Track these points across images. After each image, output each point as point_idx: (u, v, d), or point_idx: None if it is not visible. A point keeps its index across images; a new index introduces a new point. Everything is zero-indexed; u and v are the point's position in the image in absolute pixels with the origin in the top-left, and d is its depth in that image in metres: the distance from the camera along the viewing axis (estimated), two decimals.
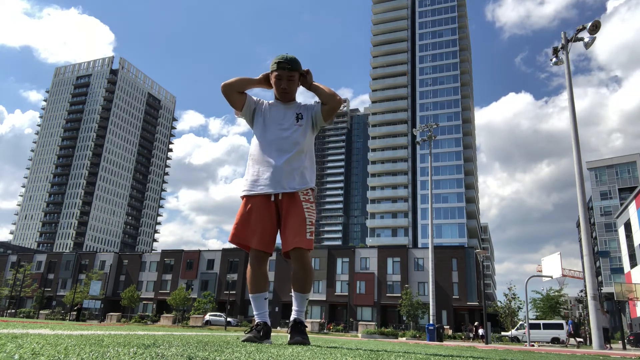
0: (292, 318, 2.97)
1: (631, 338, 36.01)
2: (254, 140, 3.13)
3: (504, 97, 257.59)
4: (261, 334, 2.85)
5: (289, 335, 2.98)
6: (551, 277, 21.74)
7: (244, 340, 2.81)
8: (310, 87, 3.15)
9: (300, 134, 3.06)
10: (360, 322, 42.82)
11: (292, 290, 2.99)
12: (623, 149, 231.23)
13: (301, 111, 3.13)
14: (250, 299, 3.03)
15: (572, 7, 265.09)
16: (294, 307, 2.98)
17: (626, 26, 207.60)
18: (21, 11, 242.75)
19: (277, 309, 52.30)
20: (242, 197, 3.01)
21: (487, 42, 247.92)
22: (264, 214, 2.90)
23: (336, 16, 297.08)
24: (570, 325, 27.60)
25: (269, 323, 2.97)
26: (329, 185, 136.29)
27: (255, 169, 3.02)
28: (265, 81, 3.17)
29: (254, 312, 3.00)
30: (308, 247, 2.87)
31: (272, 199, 2.92)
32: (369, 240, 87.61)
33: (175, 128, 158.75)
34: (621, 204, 58.57)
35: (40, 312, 52.13)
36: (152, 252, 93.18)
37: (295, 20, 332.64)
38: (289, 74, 3.03)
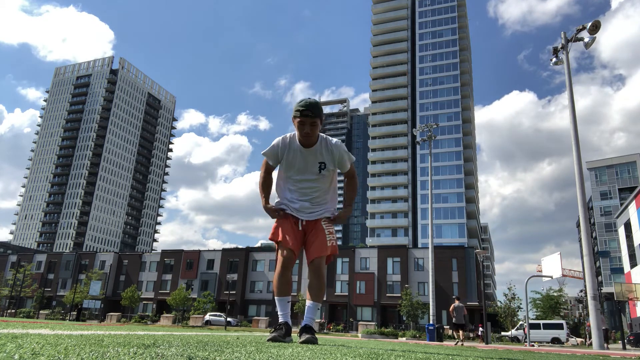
0: (302, 324, 3.36)
1: (631, 338, 35.98)
2: (281, 173, 3.53)
3: (506, 95, 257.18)
4: (284, 332, 3.23)
5: (299, 337, 3.34)
6: (551, 277, 21.74)
7: (269, 340, 3.17)
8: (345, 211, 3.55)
9: (323, 182, 3.44)
10: (360, 322, 42.82)
11: (307, 298, 3.43)
12: (625, 148, 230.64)
13: (324, 159, 3.36)
14: (276, 301, 3.42)
15: (575, 2, 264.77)
16: (306, 314, 3.40)
17: (630, 23, 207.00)
18: (19, 8, 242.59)
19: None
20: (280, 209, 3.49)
21: (489, 39, 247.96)
22: (294, 227, 3.41)
23: (336, 16, 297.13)
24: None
25: (290, 323, 3.35)
26: None
27: (283, 199, 3.50)
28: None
29: (279, 313, 3.40)
30: (327, 253, 3.34)
31: (300, 224, 3.42)
32: (369, 240, 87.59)
33: (175, 128, 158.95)
34: (621, 204, 58.57)
35: (40, 312, 52.14)
36: (152, 252, 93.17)
37: (295, 22, 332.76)
38: (312, 120, 3.22)
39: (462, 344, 14.85)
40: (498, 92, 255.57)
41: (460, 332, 17.29)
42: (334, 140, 3.43)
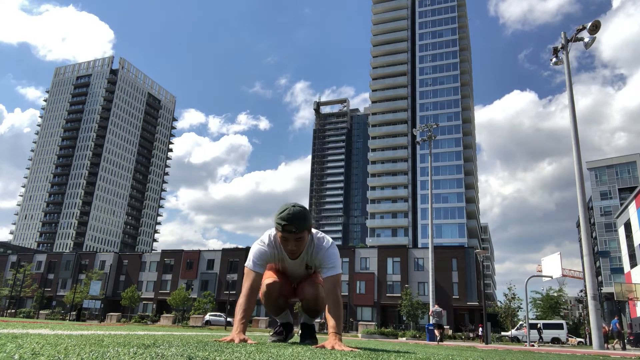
0: (301, 321, 3.41)
1: (631, 338, 35.99)
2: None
3: (507, 94, 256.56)
4: (285, 332, 3.33)
5: (299, 336, 3.41)
6: (551, 277, 21.76)
7: (271, 340, 3.24)
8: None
9: (312, 271, 3.28)
10: (360, 322, 42.83)
11: (303, 314, 3.39)
12: (626, 147, 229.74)
13: (309, 262, 3.11)
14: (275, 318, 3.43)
15: (576, 1, 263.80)
16: (304, 318, 3.46)
17: (631, 22, 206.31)
18: (19, 7, 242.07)
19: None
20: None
21: (490, 38, 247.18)
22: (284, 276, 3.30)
23: (336, 16, 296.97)
24: (616, 324, 25.72)
25: (291, 322, 3.43)
26: (329, 185, 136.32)
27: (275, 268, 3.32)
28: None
29: (279, 322, 3.46)
30: (320, 282, 3.20)
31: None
32: (369, 240, 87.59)
33: (175, 128, 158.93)
34: (621, 204, 58.56)
35: (40, 312, 52.13)
36: (152, 252, 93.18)
37: (295, 21, 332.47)
38: (296, 236, 2.81)
39: (439, 342, 17.79)
40: (499, 91, 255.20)
41: (438, 331, 20.50)
42: (325, 242, 3.04)
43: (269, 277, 3.16)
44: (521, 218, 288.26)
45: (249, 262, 3.00)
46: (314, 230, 3.07)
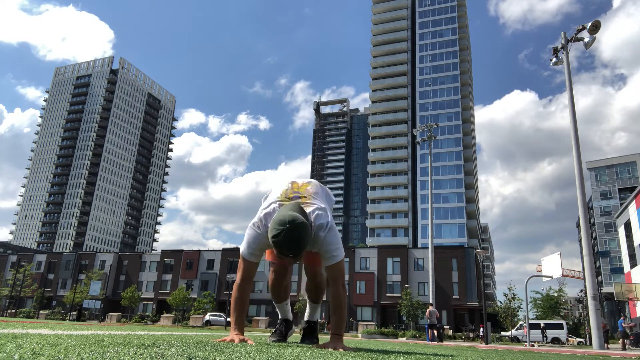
0: (305, 319, 3.46)
1: (631, 338, 35.98)
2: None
3: (507, 94, 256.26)
4: (285, 327, 3.37)
5: (300, 335, 3.46)
6: (551, 277, 21.76)
7: (271, 340, 3.28)
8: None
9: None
10: (360, 322, 42.82)
11: (307, 298, 3.50)
12: (626, 147, 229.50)
13: (311, 248, 2.93)
14: (275, 306, 3.46)
15: (576, 1, 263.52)
16: (307, 312, 3.51)
17: (632, 22, 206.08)
18: (18, 7, 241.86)
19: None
20: None
21: (490, 38, 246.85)
22: None
23: (336, 16, 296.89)
24: (621, 324, 25.70)
25: (290, 319, 3.45)
26: (329, 186, 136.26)
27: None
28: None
29: (280, 316, 3.50)
30: (320, 265, 3.18)
31: None
32: (369, 240, 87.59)
33: (175, 128, 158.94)
34: (621, 204, 58.54)
35: (40, 312, 52.13)
36: (152, 252, 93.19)
37: (295, 21, 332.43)
38: (293, 259, 2.57)
39: (437, 342, 18.10)
40: (499, 91, 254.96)
41: (435, 332, 20.83)
42: (323, 230, 2.77)
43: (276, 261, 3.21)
44: (521, 218, 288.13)
45: (243, 250, 2.84)
46: (313, 211, 2.80)
